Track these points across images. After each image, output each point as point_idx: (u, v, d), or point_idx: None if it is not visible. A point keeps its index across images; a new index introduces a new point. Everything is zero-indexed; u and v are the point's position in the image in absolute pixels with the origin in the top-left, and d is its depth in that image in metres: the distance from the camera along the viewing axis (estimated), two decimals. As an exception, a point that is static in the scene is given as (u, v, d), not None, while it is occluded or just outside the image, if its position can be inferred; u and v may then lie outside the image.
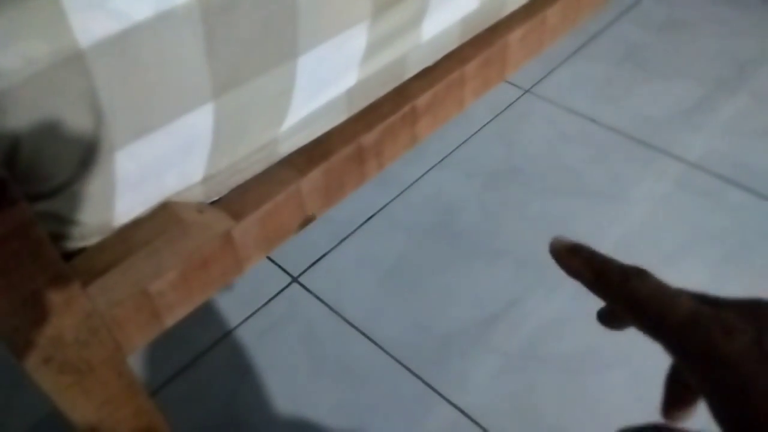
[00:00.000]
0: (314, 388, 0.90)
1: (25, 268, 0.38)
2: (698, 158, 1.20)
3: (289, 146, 0.60)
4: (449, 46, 0.72)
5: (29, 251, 0.38)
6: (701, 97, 1.33)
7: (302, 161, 0.60)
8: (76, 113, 0.40)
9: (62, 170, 0.42)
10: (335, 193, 0.64)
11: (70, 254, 0.48)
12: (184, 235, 0.51)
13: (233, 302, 1.01)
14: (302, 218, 0.61)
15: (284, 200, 0.58)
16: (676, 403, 0.33)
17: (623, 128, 1.27)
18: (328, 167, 0.61)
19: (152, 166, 0.48)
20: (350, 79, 0.60)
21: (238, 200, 0.57)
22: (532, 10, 0.81)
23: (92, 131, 0.41)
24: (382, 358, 0.93)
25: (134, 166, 0.46)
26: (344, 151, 0.62)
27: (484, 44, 0.75)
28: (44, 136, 0.39)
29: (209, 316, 1.00)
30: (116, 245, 0.50)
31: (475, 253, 1.06)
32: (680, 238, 1.06)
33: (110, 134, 0.42)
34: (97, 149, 0.42)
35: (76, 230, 0.46)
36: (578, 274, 0.31)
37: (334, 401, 0.89)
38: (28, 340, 0.41)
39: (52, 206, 0.43)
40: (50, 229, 0.45)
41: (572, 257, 0.31)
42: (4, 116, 0.36)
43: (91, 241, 0.49)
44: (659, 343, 0.27)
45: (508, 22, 0.78)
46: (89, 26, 0.37)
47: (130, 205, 0.49)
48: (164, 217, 0.52)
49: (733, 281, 0.99)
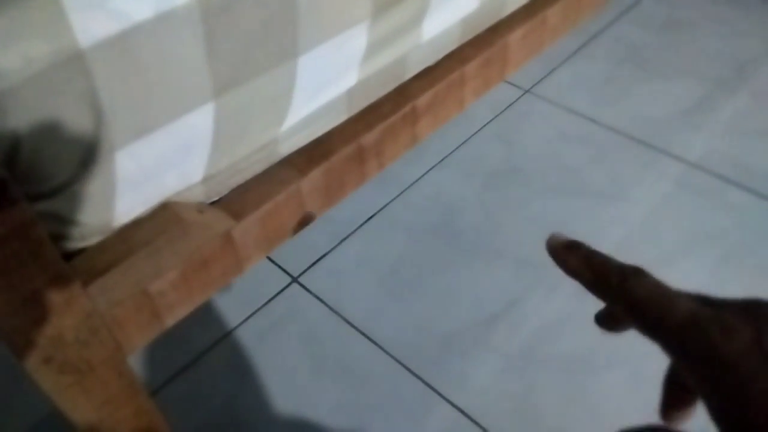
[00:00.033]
0: (314, 388, 0.90)
1: (25, 268, 0.38)
2: (698, 158, 1.20)
3: (289, 146, 0.60)
4: (449, 46, 0.72)
5: (29, 251, 0.38)
6: (701, 97, 1.33)
7: (302, 161, 0.60)
8: (76, 113, 0.40)
9: (62, 170, 0.42)
10: (335, 193, 0.64)
11: (70, 254, 0.48)
12: (184, 235, 0.51)
13: (233, 302, 1.01)
14: (301, 217, 0.61)
15: (284, 200, 0.58)
16: (674, 404, 0.32)
17: (623, 128, 1.27)
18: (328, 167, 0.61)
19: (152, 166, 0.48)
20: (350, 79, 0.60)
21: (238, 200, 0.57)
22: (532, 10, 0.81)
23: (92, 131, 0.41)
24: (382, 358, 0.93)
25: (134, 166, 0.46)
26: (344, 151, 0.62)
27: (484, 44, 0.75)
28: (44, 136, 0.39)
29: (209, 316, 1.00)
30: (116, 245, 0.50)
31: (475, 253, 1.06)
32: (680, 237, 1.06)
33: (110, 134, 0.42)
34: (97, 149, 0.42)
35: (76, 230, 0.46)
36: (576, 272, 0.31)
37: (334, 401, 0.89)
38: (28, 339, 0.41)
39: (52, 206, 0.43)
40: (50, 229, 0.45)
41: (569, 254, 0.31)
42: (4, 116, 0.36)
43: (91, 241, 0.49)
44: (657, 343, 0.27)
45: (508, 22, 0.78)
46: (89, 26, 0.37)
47: (130, 205, 0.49)
48: (164, 217, 0.52)
49: (733, 281, 0.99)
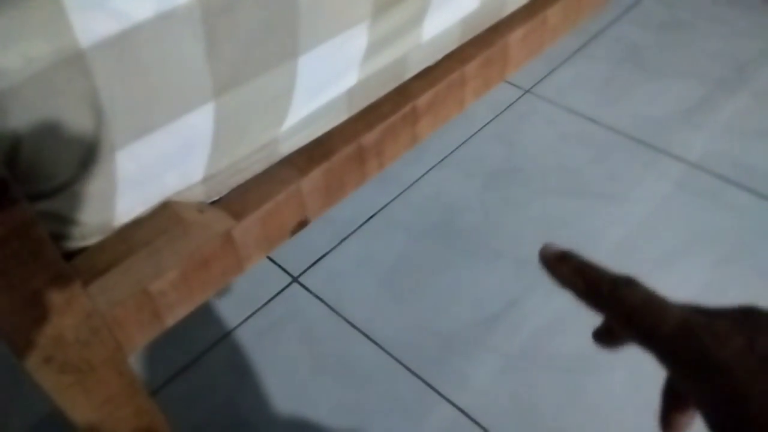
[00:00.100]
0: (314, 387, 0.90)
1: (25, 267, 0.38)
2: (698, 158, 1.20)
3: (289, 146, 0.60)
4: (450, 46, 0.72)
5: (30, 251, 0.38)
6: (701, 97, 1.33)
7: (303, 161, 0.60)
8: (76, 113, 0.40)
9: (63, 170, 0.42)
10: (336, 192, 0.64)
11: (70, 254, 0.48)
12: (184, 234, 0.51)
13: (233, 302, 1.01)
14: (299, 220, 0.61)
15: (285, 200, 0.58)
16: (673, 415, 0.33)
17: (623, 128, 1.27)
18: (328, 167, 0.61)
19: (153, 165, 0.48)
20: (351, 78, 0.60)
21: (238, 200, 0.57)
22: (532, 10, 0.81)
23: (93, 131, 0.41)
24: (382, 357, 0.93)
25: (135, 165, 0.46)
26: (345, 150, 0.62)
27: (484, 44, 0.75)
28: (45, 135, 0.39)
29: (209, 316, 1.00)
30: (117, 245, 0.50)
31: (475, 253, 1.06)
32: (680, 238, 1.06)
33: (111, 134, 0.42)
34: (97, 149, 0.42)
35: (76, 230, 0.46)
36: (568, 282, 0.31)
37: (334, 401, 0.89)
38: (28, 339, 0.41)
39: (52, 206, 0.43)
40: (51, 228, 0.45)
41: (561, 265, 0.31)
42: (4, 116, 0.36)
43: (91, 240, 0.49)
44: (651, 352, 0.27)
45: (508, 22, 0.78)
46: (90, 26, 0.37)
47: (130, 204, 0.49)
48: (165, 216, 0.52)
49: (733, 281, 0.99)
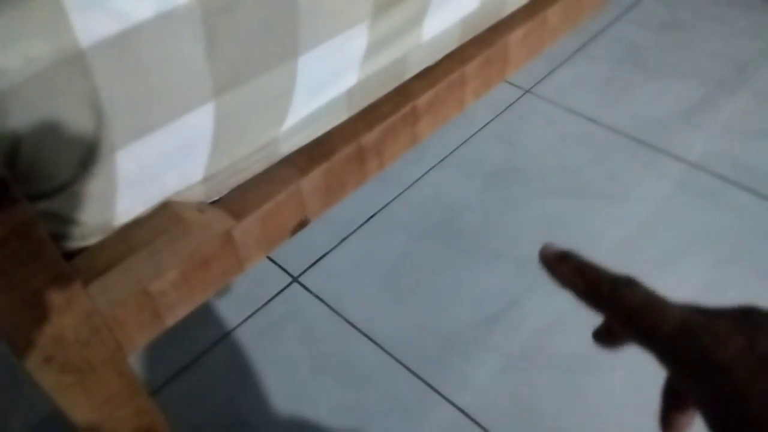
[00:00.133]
0: (314, 387, 0.90)
1: (25, 267, 0.38)
2: (699, 158, 1.20)
3: (289, 146, 0.60)
4: (450, 45, 0.72)
5: (30, 251, 0.38)
6: (702, 97, 1.33)
7: (303, 161, 0.60)
8: (76, 113, 0.40)
9: (63, 170, 0.42)
10: (336, 192, 0.64)
11: (70, 254, 0.48)
12: (184, 234, 0.51)
13: (233, 302, 1.01)
14: (300, 220, 0.61)
15: (285, 200, 0.58)
16: (673, 416, 0.33)
17: (623, 128, 1.27)
18: (328, 167, 0.61)
19: (153, 165, 0.48)
20: (351, 78, 0.60)
21: (238, 200, 0.57)
22: (532, 10, 0.81)
23: (93, 131, 0.41)
24: (382, 357, 0.93)
25: (135, 165, 0.46)
26: (345, 150, 0.62)
27: (484, 44, 0.75)
28: (45, 135, 0.39)
29: (210, 315, 1.00)
30: (117, 245, 0.50)
31: (475, 252, 1.06)
32: (680, 238, 1.06)
33: (111, 134, 0.42)
34: (97, 149, 0.42)
35: (76, 230, 0.47)
36: (568, 282, 0.31)
37: (334, 401, 0.89)
38: (29, 339, 0.41)
39: (52, 206, 0.43)
40: (51, 228, 0.45)
41: (561, 265, 0.31)
42: (5, 116, 0.37)
43: (91, 240, 0.49)
44: (651, 352, 0.27)
45: (508, 22, 0.78)
46: (90, 26, 0.37)
47: (130, 204, 0.49)
48: (165, 216, 0.52)
49: (733, 281, 0.99)
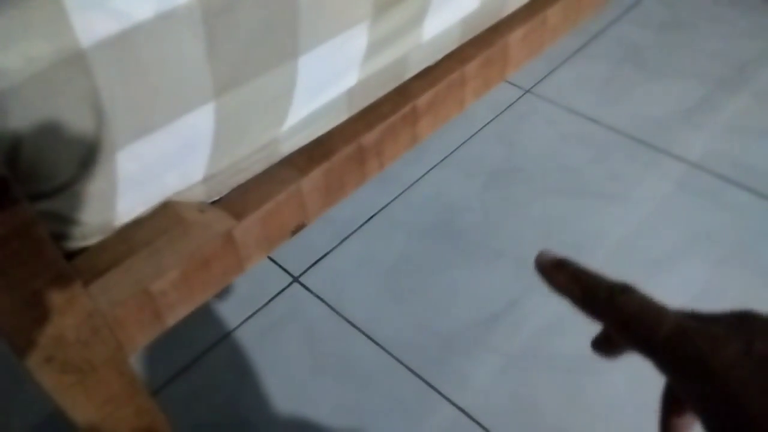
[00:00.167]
0: (315, 387, 0.90)
1: (26, 267, 0.38)
2: (699, 158, 1.20)
3: (290, 146, 0.60)
4: (450, 45, 0.72)
5: (31, 251, 0.38)
6: (702, 97, 1.33)
7: (303, 161, 0.60)
8: (77, 113, 0.40)
9: (64, 170, 0.42)
10: (336, 192, 0.64)
11: (71, 254, 0.48)
12: (185, 234, 0.51)
13: (234, 302, 1.01)
14: (298, 223, 0.61)
15: (285, 200, 0.58)
16: (672, 420, 0.33)
17: (624, 128, 1.27)
18: (328, 167, 0.61)
19: (153, 165, 0.48)
20: (351, 79, 0.60)
21: (239, 200, 0.57)
22: (532, 10, 0.81)
23: (93, 131, 0.41)
24: (382, 357, 0.93)
25: (135, 165, 0.46)
26: (345, 150, 0.62)
27: (484, 44, 0.75)
28: (46, 135, 0.39)
29: (210, 316, 1.00)
30: (117, 245, 0.50)
31: (475, 252, 1.06)
32: (681, 237, 1.06)
33: (111, 134, 0.42)
34: (98, 149, 0.42)
35: (77, 230, 0.47)
36: (564, 290, 0.31)
37: (334, 401, 0.89)
38: (29, 339, 0.41)
39: (53, 206, 0.43)
40: (52, 228, 0.45)
41: (558, 272, 0.31)
42: (5, 116, 0.37)
43: (92, 240, 0.49)
44: (648, 358, 0.27)
45: (508, 22, 0.78)
46: (90, 26, 0.37)
47: (131, 204, 0.49)
48: (165, 216, 0.52)
49: (733, 281, 0.99)
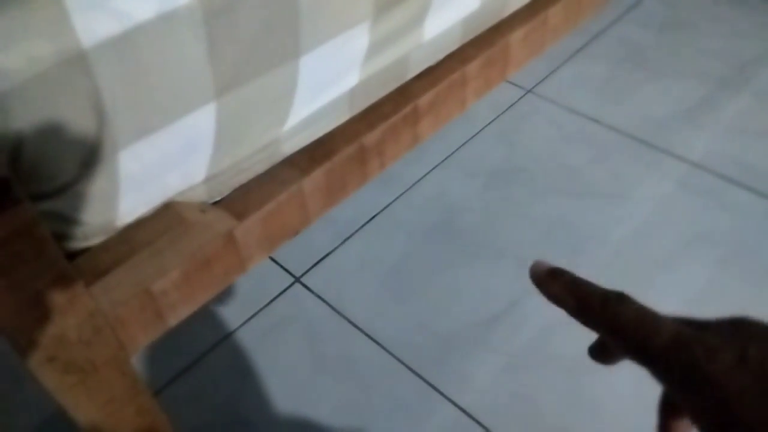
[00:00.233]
0: (316, 387, 0.90)
1: (28, 267, 0.38)
2: (700, 158, 1.20)
3: (291, 146, 0.60)
4: (451, 45, 0.72)
5: (33, 251, 0.38)
6: (703, 96, 1.33)
7: (304, 161, 0.60)
8: (79, 113, 0.40)
9: (65, 170, 0.42)
10: (337, 193, 0.64)
11: (73, 254, 0.49)
12: (186, 234, 0.51)
13: (236, 302, 1.01)
14: (302, 221, 0.61)
15: (286, 200, 0.58)
16: (670, 426, 0.33)
17: (625, 128, 1.27)
18: (330, 167, 0.61)
19: (155, 166, 0.48)
20: (352, 79, 0.60)
21: (240, 200, 0.57)
22: (533, 9, 0.81)
23: (95, 131, 0.41)
24: (384, 357, 0.93)
25: (137, 166, 0.46)
26: (346, 151, 0.62)
27: (485, 44, 0.75)
28: (47, 136, 0.39)
29: (212, 316, 1.00)
30: (119, 245, 0.50)
31: (476, 253, 1.06)
32: (682, 237, 1.06)
33: (113, 134, 0.42)
34: (100, 149, 0.43)
35: (79, 230, 0.47)
36: (559, 299, 0.31)
37: (336, 401, 0.89)
38: (31, 339, 0.41)
39: (55, 206, 0.43)
40: (54, 228, 0.45)
41: (552, 281, 0.31)
42: (7, 116, 0.37)
43: (94, 241, 0.49)
44: (644, 366, 0.27)
45: (509, 22, 0.78)
46: (92, 26, 0.37)
47: (133, 205, 0.49)
48: (167, 216, 0.52)
49: (734, 281, 0.99)
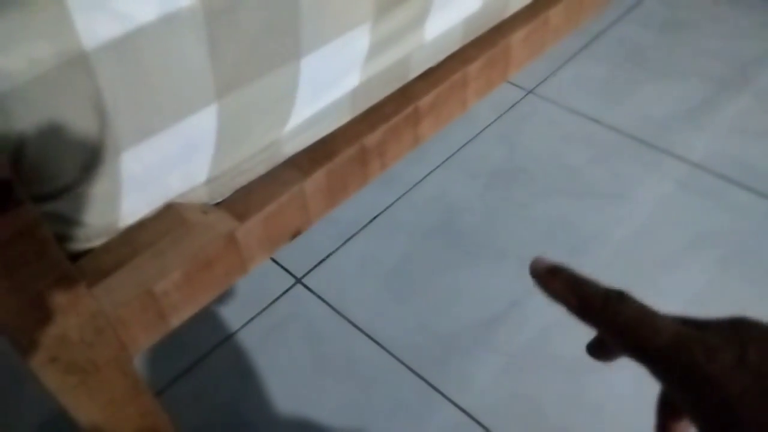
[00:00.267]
0: (318, 388, 0.90)
1: (30, 268, 0.38)
2: (701, 158, 1.20)
3: (292, 147, 0.60)
4: (452, 46, 0.72)
5: (35, 252, 0.38)
6: (704, 97, 1.33)
7: (306, 162, 0.60)
8: (80, 115, 0.40)
9: (67, 171, 0.42)
10: (339, 193, 0.64)
11: (75, 255, 0.49)
12: (188, 235, 0.52)
13: (237, 303, 1.01)
14: (303, 222, 0.61)
15: (288, 201, 0.58)
16: (669, 426, 0.33)
17: (626, 128, 1.27)
18: (331, 168, 0.61)
19: (157, 167, 0.48)
20: (353, 80, 0.60)
21: (241, 201, 0.57)
22: (534, 10, 0.81)
23: (97, 133, 0.41)
24: (385, 358, 0.93)
25: (139, 167, 0.46)
26: (347, 151, 0.62)
27: (486, 45, 0.75)
28: (49, 137, 0.39)
29: (213, 317, 1.00)
30: (121, 246, 0.50)
31: (478, 253, 1.06)
32: (682, 237, 1.06)
33: (115, 136, 0.43)
34: (101, 151, 0.43)
35: (81, 231, 0.47)
36: (559, 297, 0.31)
37: (337, 402, 0.89)
38: (33, 339, 0.41)
39: (57, 207, 0.43)
40: (56, 230, 0.45)
41: (553, 279, 0.31)
42: (9, 118, 0.37)
43: (96, 242, 0.49)
44: (644, 365, 0.27)
45: (510, 22, 0.78)
46: (93, 28, 0.37)
47: (134, 206, 0.49)
48: (169, 218, 0.52)
49: (735, 281, 0.99)
